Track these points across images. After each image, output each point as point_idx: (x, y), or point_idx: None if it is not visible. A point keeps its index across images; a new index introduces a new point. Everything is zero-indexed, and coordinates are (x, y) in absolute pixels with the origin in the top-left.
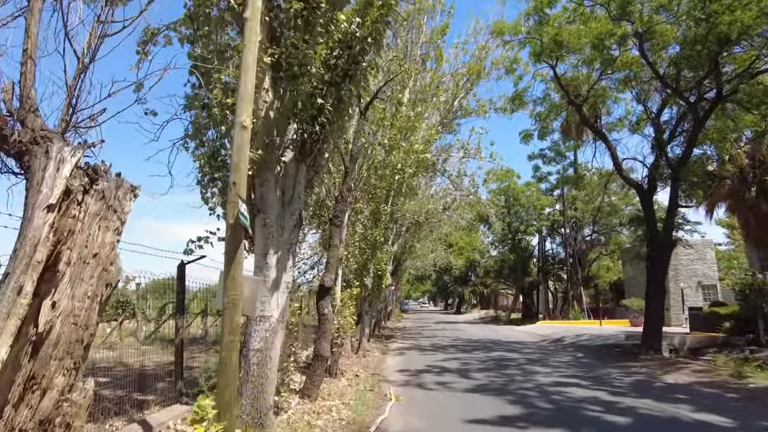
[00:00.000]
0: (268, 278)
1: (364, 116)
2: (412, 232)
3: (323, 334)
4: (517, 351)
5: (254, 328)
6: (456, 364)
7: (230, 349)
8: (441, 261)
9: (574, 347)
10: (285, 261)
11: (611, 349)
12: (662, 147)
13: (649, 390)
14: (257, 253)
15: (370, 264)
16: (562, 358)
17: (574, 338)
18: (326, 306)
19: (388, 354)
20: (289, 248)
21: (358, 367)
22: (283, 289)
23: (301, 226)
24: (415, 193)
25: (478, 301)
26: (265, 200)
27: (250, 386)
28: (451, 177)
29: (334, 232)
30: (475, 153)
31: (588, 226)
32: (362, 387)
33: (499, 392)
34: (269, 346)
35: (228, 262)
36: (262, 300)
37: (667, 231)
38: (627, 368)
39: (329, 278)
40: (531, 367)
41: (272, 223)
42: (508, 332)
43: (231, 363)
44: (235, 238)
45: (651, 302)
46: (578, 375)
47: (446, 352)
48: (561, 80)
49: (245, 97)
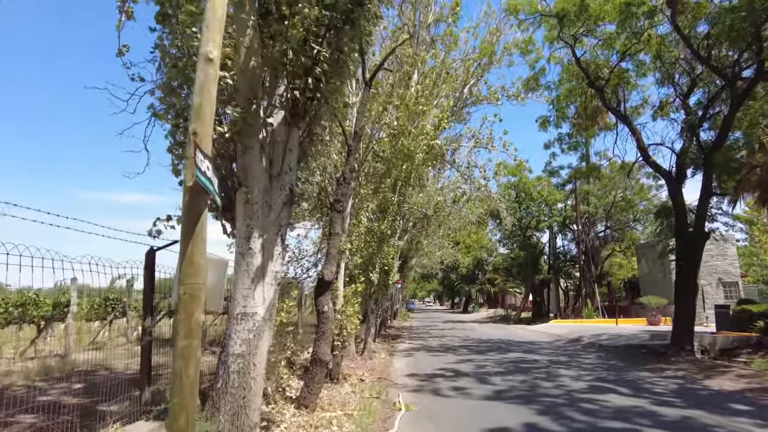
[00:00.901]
0: (252, 267)
1: (368, 87)
2: (419, 227)
3: (322, 334)
4: (534, 352)
5: (235, 328)
6: (471, 367)
7: (186, 357)
8: (448, 258)
9: (595, 348)
10: (272, 246)
11: (637, 349)
12: (694, 130)
13: (696, 398)
14: (239, 236)
15: (376, 258)
16: (586, 359)
17: (593, 338)
18: (326, 303)
19: (395, 355)
20: (277, 230)
21: (363, 371)
22: (269, 280)
23: (293, 204)
24: (423, 185)
25: (486, 300)
26: (248, 171)
27: (229, 399)
28: (460, 169)
29: (335, 219)
30: (487, 142)
31: (601, 222)
32: (368, 394)
33: (524, 400)
34: (253, 350)
35: (185, 237)
36: (244, 294)
37: (699, 221)
38: (661, 371)
39: (329, 271)
40: (554, 369)
41: (257, 200)
42: (520, 332)
43: (187, 377)
44: (194, 206)
45: (681, 300)
46: (609, 379)
47: (458, 353)
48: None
49: (212, 24)
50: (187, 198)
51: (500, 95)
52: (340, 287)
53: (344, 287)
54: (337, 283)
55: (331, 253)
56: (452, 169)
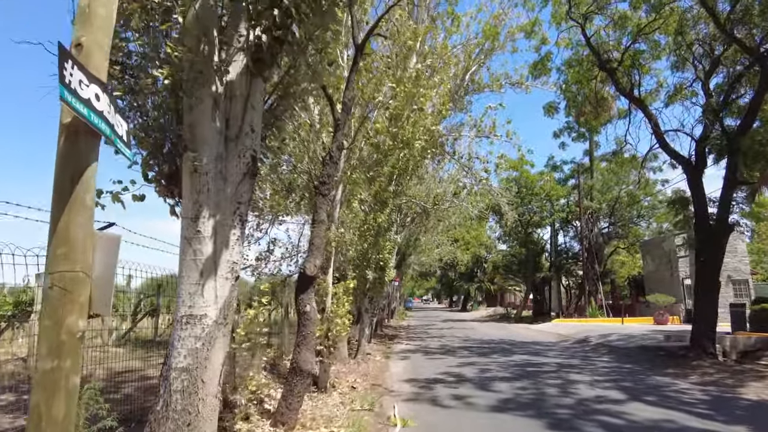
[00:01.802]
0: (201, 256)
1: (360, 52)
2: (418, 222)
3: (304, 339)
4: (541, 354)
5: (178, 335)
6: (473, 372)
7: (52, 387)
8: (447, 256)
9: (606, 349)
10: (228, 229)
11: (653, 351)
12: (717, 113)
13: (735, 410)
14: (184, 217)
15: (371, 253)
16: (598, 363)
17: (602, 338)
18: (308, 302)
19: (391, 358)
20: (235, 209)
21: (355, 376)
22: (224, 272)
23: (256, 175)
24: (421, 176)
25: (484, 299)
26: (196, 131)
27: (170, 426)
28: (460, 161)
29: (320, 204)
30: (489, 131)
31: (604, 219)
32: (359, 405)
33: (536, 411)
34: (201, 363)
35: (58, 202)
36: (191, 291)
37: (723, 212)
38: (684, 377)
39: (312, 265)
40: (566, 375)
41: (208, 169)
42: (522, 331)
43: (51, 419)
44: (73, 154)
45: (702, 298)
46: (629, 386)
47: (459, 355)
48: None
49: None
50: (62, 142)
51: (503, 82)
52: (329, 284)
53: (333, 284)
54: (326, 280)
55: (315, 243)
56: (452, 162)
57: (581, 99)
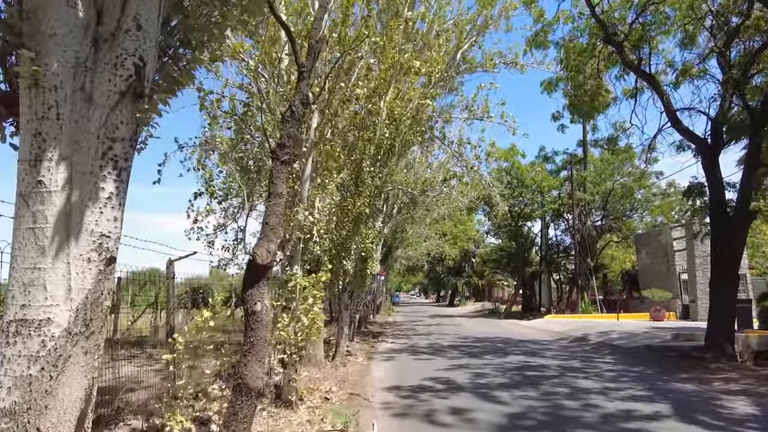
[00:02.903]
0: (44, 222)
1: None
2: (405, 213)
3: (251, 348)
4: (538, 354)
5: (2, 353)
6: (467, 376)
7: None
8: (435, 250)
9: (608, 349)
10: (92, 180)
11: (660, 352)
12: (738, 85)
13: None
14: (20, 160)
15: (351, 242)
16: (604, 365)
17: (601, 336)
18: (259, 299)
19: (375, 359)
20: (106, 149)
21: (331, 383)
22: (85, 250)
23: (143, 98)
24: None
25: (472, 293)
26: (41, 18)
27: None
28: (450, 146)
29: (277, 174)
30: (482, 113)
31: (597, 211)
32: (330, 424)
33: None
34: (38, 401)
35: None
36: (26, 280)
37: (744, 199)
38: (708, 382)
39: (264, 250)
40: (572, 380)
41: (57, 81)
42: (514, 328)
43: None
44: None
45: (719, 292)
46: (648, 396)
47: (449, 355)
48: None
49: None
50: None
51: (497, 61)
52: (298, 276)
53: (302, 276)
54: (294, 272)
55: (270, 222)
56: (442, 149)
57: (582, 80)
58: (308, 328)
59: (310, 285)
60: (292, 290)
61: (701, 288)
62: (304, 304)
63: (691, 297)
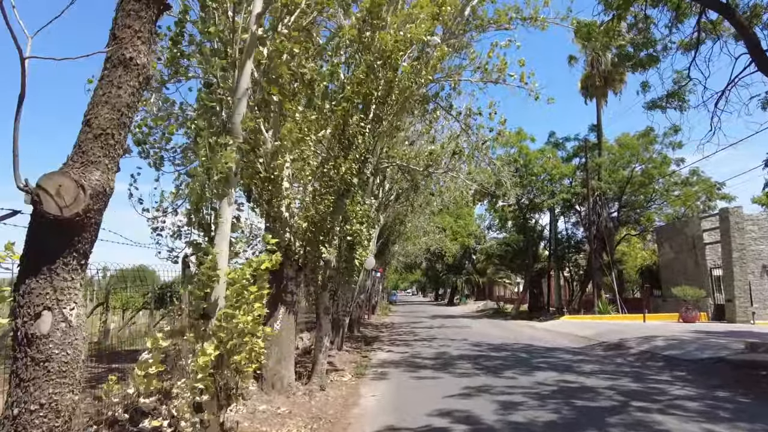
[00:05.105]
0: None
1: None
2: (403, 202)
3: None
4: (574, 370)
5: None
6: (492, 408)
7: None
8: (435, 245)
9: (662, 362)
10: None
11: (738, 367)
12: None
13: None
14: None
15: (333, 222)
16: (672, 388)
17: (642, 343)
18: (46, 300)
19: (365, 377)
20: None
21: (298, 422)
22: None
23: None
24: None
25: (473, 292)
26: None
27: None
28: (458, 117)
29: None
30: (498, 74)
31: (613, 202)
32: None
33: None
34: None
35: None
36: None
37: None
38: None
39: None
40: (644, 415)
41: None
42: (528, 331)
43: None
44: None
45: None
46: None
47: (460, 370)
48: None
49: None
50: None
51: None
52: (222, 260)
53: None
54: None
55: (98, 124)
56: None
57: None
58: (236, 353)
59: (241, 277)
60: (206, 285)
61: (740, 285)
62: (247, 314)
63: (727, 296)
